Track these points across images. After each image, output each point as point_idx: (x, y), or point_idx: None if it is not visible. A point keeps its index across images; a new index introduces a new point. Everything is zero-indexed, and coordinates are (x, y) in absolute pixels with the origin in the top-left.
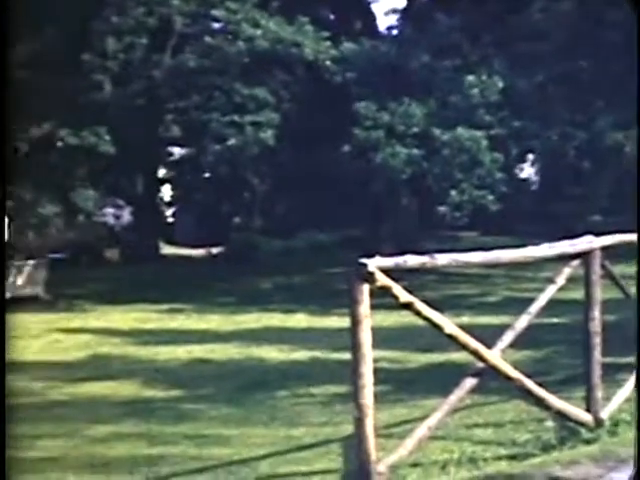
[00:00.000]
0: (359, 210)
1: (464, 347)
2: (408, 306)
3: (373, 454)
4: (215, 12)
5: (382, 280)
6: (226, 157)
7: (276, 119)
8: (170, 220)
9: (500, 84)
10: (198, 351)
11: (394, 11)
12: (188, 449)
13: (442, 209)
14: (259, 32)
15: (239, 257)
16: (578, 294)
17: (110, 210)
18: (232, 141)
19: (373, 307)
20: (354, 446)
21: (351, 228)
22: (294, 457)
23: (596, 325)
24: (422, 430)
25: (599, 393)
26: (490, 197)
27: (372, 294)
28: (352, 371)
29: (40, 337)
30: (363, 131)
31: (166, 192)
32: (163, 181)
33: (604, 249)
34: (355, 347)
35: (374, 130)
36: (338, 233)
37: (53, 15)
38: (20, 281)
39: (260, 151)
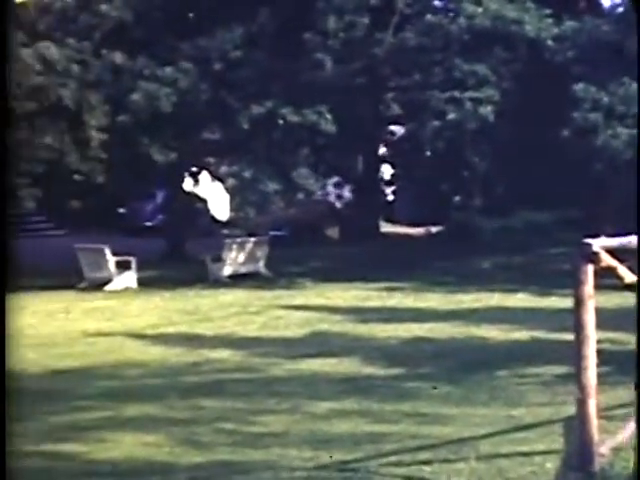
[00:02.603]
0: (578, 190)
1: None
2: (633, 287)
3: (595, 436)
4: None
5: (607, 260)
6: (445, 134)
7: (495, 96)
8: (390, 198)
9: None
10: (417, 329)
11: None
12: (408, 427)
13: None
14: (480, 10)
15: (458, 236)
16: None
17: (331, 188)
18: (451, 116)
19: (595, 287)
20: (576, 427)
21: (569, 208)
22: (515, 437)
23: None
24: None
25: None
26: None
27: (595, 274)
28: (575, 352)
29: (261, 313)
30: (582, 113)
31: (386, 171)
32: (383, 159)
33: None
34: (578, 328)
35: (593, 112)
36: (556, 213)
37: None
38: (242, 258)
39: (479, 128)
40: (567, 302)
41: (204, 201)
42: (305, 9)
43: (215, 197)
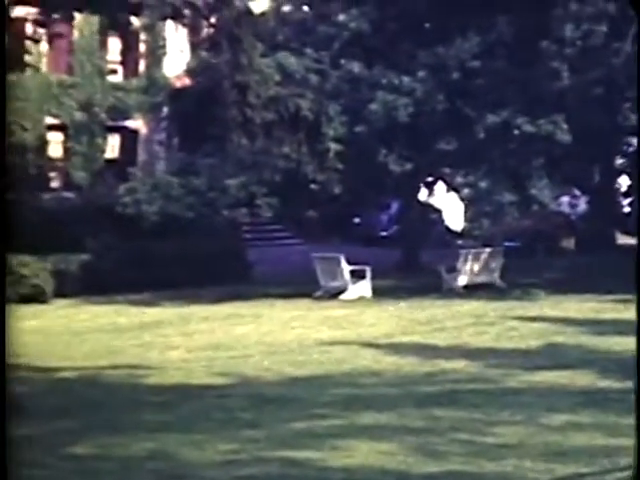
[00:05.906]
0: None
1: None
2: None
3: None
4: None
5: None
6: None
7: None
8: (627, 210)
9: None
10: None
11: None
12: None
13: None
14: None
15: None
16: None
17: (566, 199)
18: None
19: None
20: None
21: None
22: None
23: None
24: None
25: None
26: None
27: None
28: None
29: (495, 324)
30: None
31: (623, 182)
32: (620, 171)
33: None
34: None
35: None
36: None
37: (513, 4)
38: (476, 268)
39: None
40: None
41: (439, 211)
42: (542, 17)
43: (450, 207)
